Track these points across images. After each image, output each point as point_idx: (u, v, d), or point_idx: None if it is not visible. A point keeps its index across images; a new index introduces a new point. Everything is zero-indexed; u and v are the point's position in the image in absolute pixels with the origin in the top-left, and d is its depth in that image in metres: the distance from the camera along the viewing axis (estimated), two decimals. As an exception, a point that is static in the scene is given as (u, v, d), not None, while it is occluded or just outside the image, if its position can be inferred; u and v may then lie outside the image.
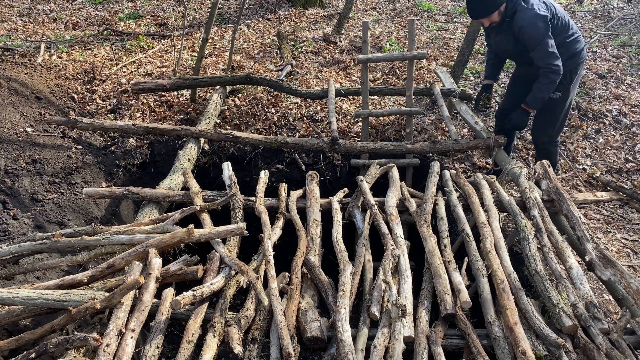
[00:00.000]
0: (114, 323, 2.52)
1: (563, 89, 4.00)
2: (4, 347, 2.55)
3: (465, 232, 3.44)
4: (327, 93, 4.98)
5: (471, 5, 3.82)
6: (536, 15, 3.67)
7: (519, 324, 2.67)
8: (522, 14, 3.69)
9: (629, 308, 2.90)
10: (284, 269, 3.25)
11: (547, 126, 4.20)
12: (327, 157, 4.97)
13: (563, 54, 3.84)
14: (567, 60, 3.88)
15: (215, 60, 6.28)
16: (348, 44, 6.87)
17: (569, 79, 3.98)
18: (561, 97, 4.03)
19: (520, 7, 3.71)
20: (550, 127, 4.19)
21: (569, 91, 4.04)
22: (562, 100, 4.05)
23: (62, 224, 3.82)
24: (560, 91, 3.99)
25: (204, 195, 3.81)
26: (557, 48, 3.79)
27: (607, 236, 4.00)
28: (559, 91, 3.99)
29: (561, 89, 3.98)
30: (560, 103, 4.06)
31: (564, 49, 3.86)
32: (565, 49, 3.87)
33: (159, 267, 2.85)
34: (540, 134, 4.28)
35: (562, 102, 4.06)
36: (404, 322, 2.70)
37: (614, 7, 8.33)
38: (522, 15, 3.69)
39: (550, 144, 4.28)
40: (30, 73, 5.26)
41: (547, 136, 4.25)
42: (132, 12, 7.79)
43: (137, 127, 4.46)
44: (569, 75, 3.97)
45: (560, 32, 3.84)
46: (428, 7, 8.16)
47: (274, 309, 2.71)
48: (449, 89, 5.12)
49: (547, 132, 4.23)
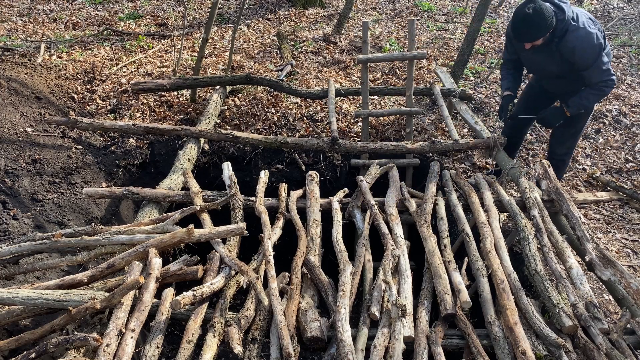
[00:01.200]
0: (114, 323, 2.52)
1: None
2: (4, 347, 2.55)
3: (465, 232, 3.44)
4: (327, 93, 4.98)
5: (521, 29, 3.60)
6: (589, 33, 3.53)
7: (519, 324, 2.67)
8: (574, 35, 3.54)
9: (629, 308, 2.90)
10: (284, 269, 3.25)
11: (568, 138, 4.18)
12: (327, 157, 4.97)
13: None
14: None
15: (215, 60, 6.28)
16: (348, 44, 6.87)
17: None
18: (586, 111, 3.98)
19: (572, 27, 3.55)
20: (570, 139, 4.18)
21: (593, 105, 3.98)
22: (586, 115, 4.04)
23: (62, 224, 3.82)
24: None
25: (204, 195, 3.81)
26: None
27: (607, 236, 4.00)
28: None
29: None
30: (584, 117, 4.04)
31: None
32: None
33: (159, 267, 2.85)
34: (560, 146, 4.25)
35: (585, 116, 4.05)
36: (404, 322, 2.70)
37: (614, 7, 8.33)
38: (574, 35, 3.54)
39: (567, 155, 4.28)
40: (30, 73, 5.26)
41: (565, 148, 4.24)
42: (132, 12, 7.79)
43: (137, 127, 4.46)
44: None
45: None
46: (428, 7, 8.16)
47: (274, 309, 2.71)
48: (449, 89, 5.12)
49: (566, 144, 4.22)
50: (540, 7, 3.50)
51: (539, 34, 3.57)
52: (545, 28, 3.54)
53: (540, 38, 3.60)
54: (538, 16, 3.49)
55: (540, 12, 3.48)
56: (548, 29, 3.55)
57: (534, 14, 3.49)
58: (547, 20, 3.50)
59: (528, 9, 3.50)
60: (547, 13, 3.50)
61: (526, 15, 3.51)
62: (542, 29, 3.54)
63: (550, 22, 3.53)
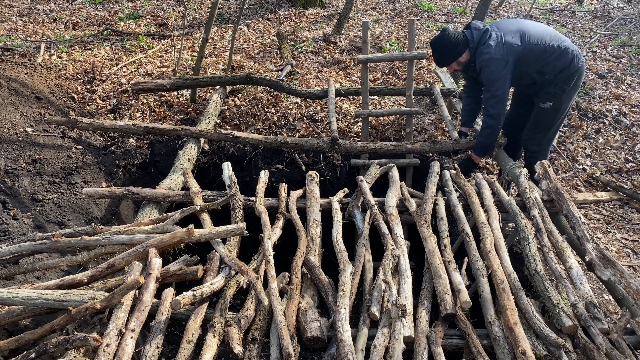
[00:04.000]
0: (114, 323, 2.52)
1: (554, 99, 3.95)
2: (4, 347, 2.55)
3: (465, 232, 3.44)
4: (327, 93, 4.98)
5: (433, 55, 4.01)
6: (490, 59, 3.77)
7: (519, 324, 2.67)
8: (479, 58, 3.84)
9: (629, 308, 2.90)
10: (284, 269, 3.24)
11: (536, 134, 4.15)
12: (327, 157, 4.97)
13: (550, 72, 3.86)
14: (556, 75, 3.87)
15: (215, 60, 6.28)
16: (348, 44, 6.87)
17: (560, 90, 3.92)
18: (552, 107, 3.98)
19: (479, 51, 3.83)
20: (539, 135, 4.14)
21: (560, 101, 3.96)
22: (553, 111, 4.00)
23: (62, 224, 3.82)
24: (552, 101, 3.95)
25: (204, 195, 3.81)
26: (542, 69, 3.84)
27: (607, 236, 4.00)
28: (550, 101, 3.95)
29: (552, 99, 3.95)
30: (551, 113, 4.01)
31: (549, 67, 3.85)
32: (551, 67, 3.85)
33: (159, 267, 2.85)
34: (531, 142, 4.23)
35: (552, 112, 4.01)
36: (404, 322, 2.70)
37: (614, 7, 8.34)
38: (479, 59, 3.84)
39: (540, 153, 4.21)
40: (30, 73, 5.26)
41: (537, 145, 4.20)
42: (132, 12, 7.79)
43: (137, 127, 4.46)
44: (560, 86, 3.92)
45: (537, 56, 3.83)
46: (428, 7, 8.16)
47: (274, 309, 2.71)
48: (449, 89, 5.12)
49: (536, 140, 4.19)
50: (444, 36, 3.87)
51: (447, 58, 3.95)
52: (450, 54, 3.90)
53: (451, 62, 3.96)
54: (442, 43, 3.88)
55: (444, 40, 3.86)
56: (454, 54, 3.89)
57: (439, 42, 3.89)
58: (451, 46, 3.85)
59: (436, 38, 3.92)
60: (451, 40, 3.84)
61: (433, 44, 3.94)
62: (447, 55, 3.92)
63: (456, 49, 3.86)
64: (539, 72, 3.88)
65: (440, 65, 4.11)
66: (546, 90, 3.95)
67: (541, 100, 4.00)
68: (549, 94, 3.94)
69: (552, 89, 3.92)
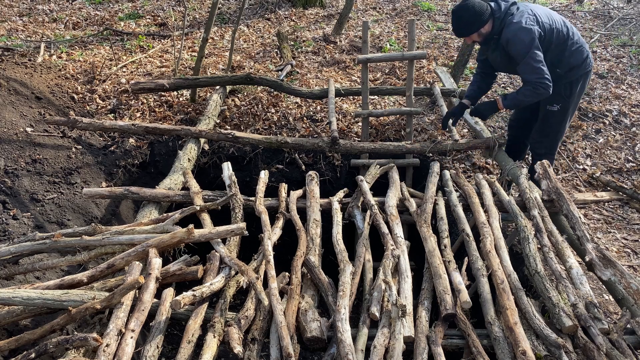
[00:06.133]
0: (114, 323, 2.52)
1: (562, 101, 3.87)
2: (4, 347, 2.55)
3: (465, 232, 3.44)
4: (327, 93, 4.98)
5: (453, 24, 3.78)
6: (521, 28, 3.58)
7: (519, 324, 2.67)
8: (508, 28, 3.64)
9: (629, 308, 2.90)
10: (284, 269, 3.24)
11: (543, 137, 4.11)
12: (327, 157, 4.97)
13: (563, 67, 3.75)
14: (567, 72, 3.78)
15: (215, 60, 6.28)
16: (348, 44, 6.87)
17: (569, 91, 3.85)
18: (559, 109, 3.91)
19: (507, 21, 3.65)
20: (546, 138, 4.10)
21: (568, 103, 3.90)
22: (560, 113, 3.93)
23: (62, 224, 3.82)
24: (559, 104, 3.87)
25: (204, 195, 3.81)
26: (556, 60, 3.72)
27: (607, 236, 4.00)
28: (558, 104, 3.87)
29: (560, 101, 3.87)
30: (558, 115, 3.94)
31: (564, 61, 3.75)
32: (566, 62, 3.76)
33: (159, 267, 2.85)
34: (538, 145, 4.19)
35: (559, 115, 3.94)
36: (404, 322, 2.70)
37: (614, 7, 8.33)
38: (508, 29, 3.64)
39: (547, 155, 4.13)
40: (30, 73, 5.26)
41: (544, 147, 4.16)
42: (132, 12, 7.79)
43: (137, 127, 4.46)
44: (570, 87, 3.84)
45: (558, 43, 3.72)
46: (428, 7, 8.16)
47: (274, 309, 2.71)
48: (449, 89, 5.12)
49: (544, 144, 4.14)
50: (468, 3, 3.64)
51: (469, 28, 3.71)
52: (473, 23, 3.67)
53: (472, 33, 3.74)
54: (466, 11, 3.64)
55: (467, 8, 3.63)
56: (477, 24, 3.66)
57: (462, 10, 3.65)
58: (475, 15, 3.63)
59: (459, 6, 3.69)
60: (476, 9, 3.62)
61: (455, 12, 3.70)
62: (470, 24, 3.68)
63: (480, 18, 3.64)
64: (553, 62, 3.73)
65: (459, 35, 3.86)
66: (554, 89, 3.78)
67: (548, 103, 3.89)
68: (557, 95, 3.81)
69: (561, 89, 3.81)
